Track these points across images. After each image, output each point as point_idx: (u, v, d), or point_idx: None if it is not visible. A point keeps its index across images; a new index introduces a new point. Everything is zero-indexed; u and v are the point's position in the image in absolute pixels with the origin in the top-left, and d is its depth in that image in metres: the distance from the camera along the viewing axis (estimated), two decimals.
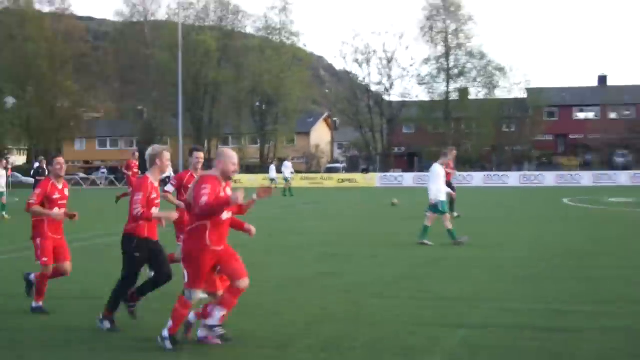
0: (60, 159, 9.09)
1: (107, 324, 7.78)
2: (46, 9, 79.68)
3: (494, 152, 74.79)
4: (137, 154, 29.05)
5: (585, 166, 70.00)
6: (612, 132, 73.95)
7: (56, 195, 8.82)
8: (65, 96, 77.69)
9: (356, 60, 79.30)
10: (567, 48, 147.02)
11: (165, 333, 6.94)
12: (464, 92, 76.21)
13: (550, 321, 8.01)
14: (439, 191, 15.76)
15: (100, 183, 71.24)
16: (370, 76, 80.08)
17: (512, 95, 78.08)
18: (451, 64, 75.87)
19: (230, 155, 6.91)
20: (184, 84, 64.92)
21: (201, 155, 9.88)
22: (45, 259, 8.79)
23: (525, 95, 78.82)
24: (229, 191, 6.85)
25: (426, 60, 77.21)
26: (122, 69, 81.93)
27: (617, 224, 22.34)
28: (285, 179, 41.92)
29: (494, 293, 9.98)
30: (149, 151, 7.95)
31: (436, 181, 15.84)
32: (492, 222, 21.94)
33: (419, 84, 78.78)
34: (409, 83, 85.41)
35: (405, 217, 23.72)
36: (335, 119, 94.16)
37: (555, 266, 12.48)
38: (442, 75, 75.89)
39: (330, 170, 72.57)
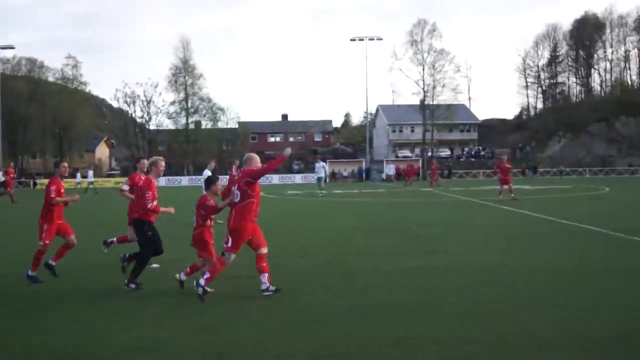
0: (65, 164, 9.97)
1: (132, 286, 8.72)
2: None
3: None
4: (12, 164, 38.71)
5: (275, 172, 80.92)
6: (291, 149, 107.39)
7: (62, 190, 9.65)
8: None
9: (126, 102, 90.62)
10: (264, 94, 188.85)
11: (202, 282, 7.91)
12: (198, 123, 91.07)
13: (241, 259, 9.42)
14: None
15: None
16: (135, 112, 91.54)
17: (229, 126, 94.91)
18: (189, 105, 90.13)
19: (257, 158, 8.48)
20: (3, 116, 74.08)
21: (146, 162, 10.13)
22: (47, 242, 9.50)
23: (237, 126, 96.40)
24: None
25: (173, 103, 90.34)
26: None
27: (293, 205, 27.98)
28: (88, 182, 51.92)
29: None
30: (150, 160, 9.14)
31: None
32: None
33: (169, 118, 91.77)
34: (162, 117, 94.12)
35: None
36: (112, 140, 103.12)
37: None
38: (184, 113, 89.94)
39: (109, 175, 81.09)
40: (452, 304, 7.76)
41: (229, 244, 8.08)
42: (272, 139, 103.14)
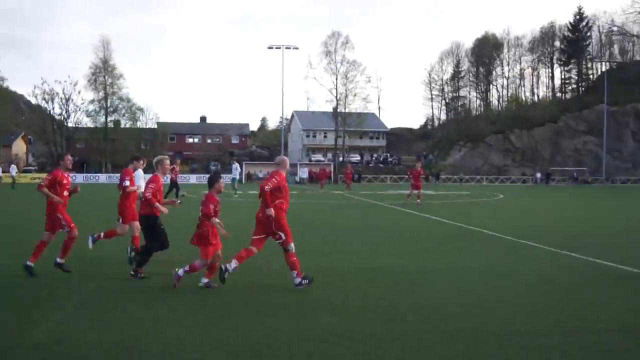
0: (69, 156, 9.64)
1: (140, 275, 9.07)
2: None
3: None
4: None
5: (192, 171, 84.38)
6: (209, 151, 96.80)
7: (65, 181, 9.37)
8: None
9: (44, 99, 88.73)
10: (183, 96, 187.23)
11: (297, 279, 8.40)
12: (117, 123, 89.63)
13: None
14: (140, 186, 19.51)
15: None
16: (54, 110, 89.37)
17: (149, 126, 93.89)
18: (109, 104, 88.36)
19: (287, 162, 8.92)
20: None
21: (142, 163, 11.34)
22: (72, 225, 9.30)
23: (156, 126, 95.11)
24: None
25: (92, 101, 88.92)
26: None
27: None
28: (12, 177, 51.44)
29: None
30: (155, 159, 9.27)
31: (139, 180, 18.49)
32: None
33: (87, 116, 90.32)
34: (81, 115, 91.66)
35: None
36: (30, 137, 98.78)
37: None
38: (103, 112, 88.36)
39: (26, 171, 77.46)
40: (357, 301, 8.05)
41: (283, 238, 8.39)
42: (191, 140, 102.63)
